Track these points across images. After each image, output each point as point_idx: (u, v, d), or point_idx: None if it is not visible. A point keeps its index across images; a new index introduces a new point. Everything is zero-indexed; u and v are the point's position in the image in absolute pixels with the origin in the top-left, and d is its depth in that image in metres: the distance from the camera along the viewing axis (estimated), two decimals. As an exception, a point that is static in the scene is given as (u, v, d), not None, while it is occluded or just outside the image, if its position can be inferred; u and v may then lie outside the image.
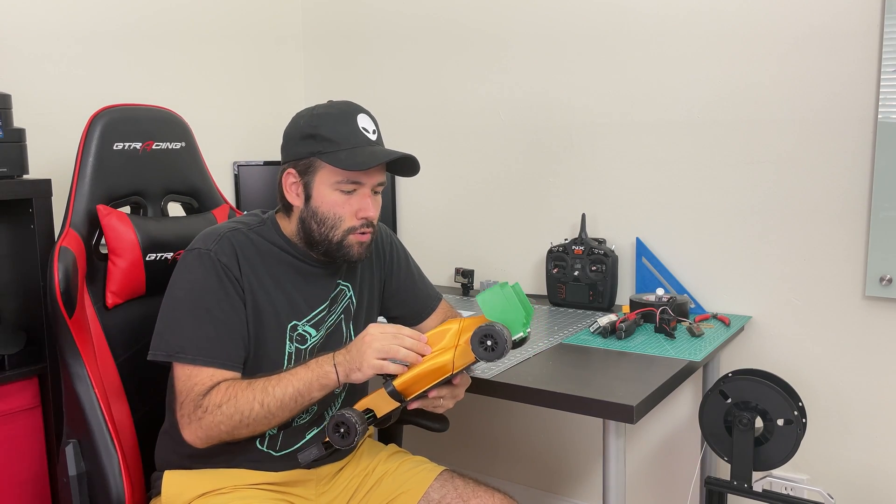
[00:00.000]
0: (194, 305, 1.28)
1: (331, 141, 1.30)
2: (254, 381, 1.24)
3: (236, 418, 1.22)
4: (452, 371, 1.18)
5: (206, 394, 1.24)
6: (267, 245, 1.37)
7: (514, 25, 2.29)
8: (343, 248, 1.34)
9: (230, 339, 1.29)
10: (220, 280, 1.29)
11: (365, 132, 1.33)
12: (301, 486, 1.40)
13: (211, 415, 1.22)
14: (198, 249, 1.31)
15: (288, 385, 1.22)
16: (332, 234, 1.33)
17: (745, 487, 1.57)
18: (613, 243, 2.16)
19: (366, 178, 1.32)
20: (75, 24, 2.03)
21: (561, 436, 2.38)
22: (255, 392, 1.22)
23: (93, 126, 1.51)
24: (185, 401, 1.25)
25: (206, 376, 1.25)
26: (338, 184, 1.31)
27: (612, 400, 1.33)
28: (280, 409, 1.22)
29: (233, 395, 1.22)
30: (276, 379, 1.23)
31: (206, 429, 1.23)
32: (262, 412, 1.22)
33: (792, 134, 1.90)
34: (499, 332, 1.12)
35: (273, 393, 1.21)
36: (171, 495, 1.34)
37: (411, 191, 2.55)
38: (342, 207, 1.33)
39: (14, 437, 1.59)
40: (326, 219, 1.33)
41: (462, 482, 1.44)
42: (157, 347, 1.29)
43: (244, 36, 2.53)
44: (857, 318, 1.86)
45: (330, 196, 1.32)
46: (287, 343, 1.36)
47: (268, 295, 1.34)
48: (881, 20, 1.75)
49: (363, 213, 1.33)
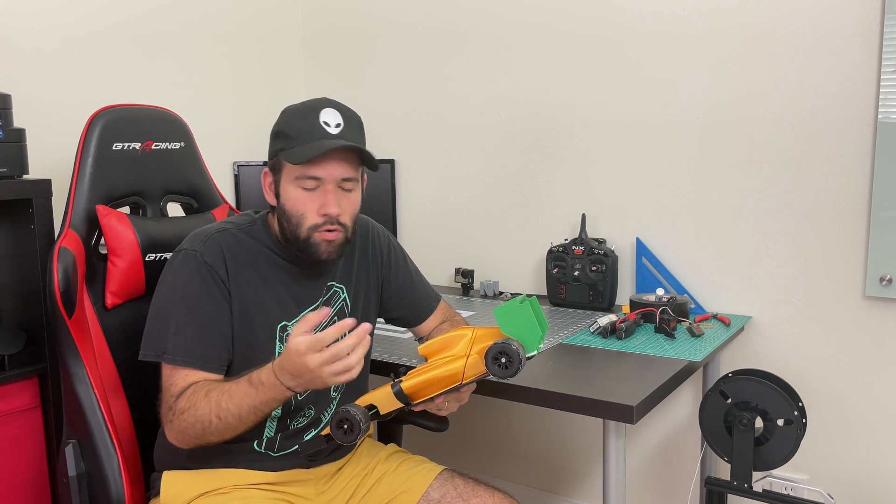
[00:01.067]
0: (178, 307, 1.29)
1: (290, 137, 1.30)
2: (211, 392, 1.21)
3: (198, 427, 1.21)
4: (462, 381, 1.17)
5: (179, 396, 1.24)
6: (256, 245, 1.37)
7: (514, 25, 2.29)
8: (310, 247, 1.32)
9: (210, 342, 1.29)
10: (205, 281, 1.29)
11: (325, 126, 1.30)
12: (300, 485, 1.40)
13: (178, 419, 1.22)
14: (185, 251, 1.32)
15: (242, 402, 1.18)
16: (298, 231, 1.32)
17: (745, 487, 1.57)
18: (613, 243, 2.15)
19: (323, 171, 1.29)
20: (75, 24, 2.03)
21: (561, 436, 2.38)
22: (210, 405, 1.20)
23: (92, 126, 1.51)
24: (163, 402, 1.27)
25: (181, 377, 1.26)
26: (297, 180, 1.30)
27: (612, 400, 1.33)
28: (239, 421, 1.20)
29: (193, 403, 1.21)
30: (229, 393, 1.19)
31: (178, 431, 1.24)
32: (220, 425, 1.20)
33: (792, 134, 1.90)
34: (514, 350, 1.10)
35: (228, 408, 1.19)
36: (170, 495, 1.34)
37: (411, 191, 2.55)
38: (304, 205, 1.31)
39: (14, 437, 1.59)
40: (291, 216, 1.32)
41: (462, 482, 1.44)
42: (145, 348, 1.30)
43: (244, 36, 2.53)
44: (857, 318, 1.86)
45: (293, 193, 1.31)
46: (277, 343, 1.35)
47: (257, 295, 1.34)
48: (881, 20, 1.75)
49: (324, 210, 1.30)
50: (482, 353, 1.14)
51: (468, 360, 1.16)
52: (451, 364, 1.17)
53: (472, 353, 1.16)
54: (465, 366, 1.16)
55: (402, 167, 2.56)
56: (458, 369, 1.16)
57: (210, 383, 1.24)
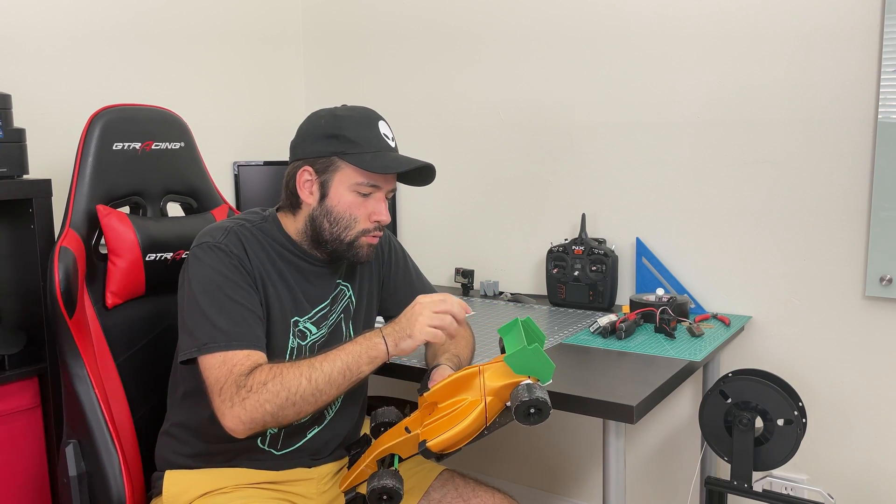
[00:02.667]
0: (214, 296, 1.26)
1: (355, 143, 1.32)
2: (299, 360, 1.23)
3: (283, 395, 1.18)
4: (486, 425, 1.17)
5: (249, 374, 1.20)
6: (269, 241, 1.38)
7: (514, 26, 2.29)
8: (353, 249, 1.36)
9: (255, 322, 1.28)
10: (237, 269, 1.29)
11: (386, 138, 1.36)
12: (302, 485, 1.40)
13: (256, 394, 1.18)
14: (206, 243, 1.31)
15: (336, 359, 1.22)
16: (344, 234, 1.35)
17: (745, 487, 1.57)
18: (613, 243, 2.15)
19: (384, 182, 1.35)
20: (75, 24, 2.03)
21: (561, 436, 2.38)
22: (301, 369, 1.20)
23: (92, 126, 1.51)
24: (226, 385, 1.20)
25: (243, 357, 1.22)
26: (357, 185, 1.33)
27: (612, 400, 1.33)
28: (328, 385, 1.20)
29: (278, 372, 1.20)
30: (322, 356, 1.23)
31: (251, 410, 1.18)
32: (309, 388, 1.19)
33: (792, 134, 1.90)
34: (544, 402, 1.10)
35: (321, 368, 1.20)
36: (173, 495, 1.34)
37: (412, 191, 2.55)
38: (358, 209, 1.35)
39: (14, 437, 1.59)
40: (341, 219, 1.34)
41: (462, 482, 1.45)
42: (187, 347, 1.25)
43: (244, 36, 2.53)
44: (857, 318, 1.86)
45: (347, 197, 1.34)
46: (290, 338, 1.36)
47: (274, 288, 1.35)
48: (881, 20, 1.75)
49: (377, 217, 1.36)
50: (498, 395, 1.14)
51: (488, 405, 1.15)
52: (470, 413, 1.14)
53: (489, 398, 1.14)
54: (485, 412, 1.15)
55: (402, 167, 2.56)
56: (479, 417, 1.15)
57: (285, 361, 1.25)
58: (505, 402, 1.16)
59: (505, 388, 1.14)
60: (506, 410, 1.17)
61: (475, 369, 1.18)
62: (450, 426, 1.15)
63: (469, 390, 1.17)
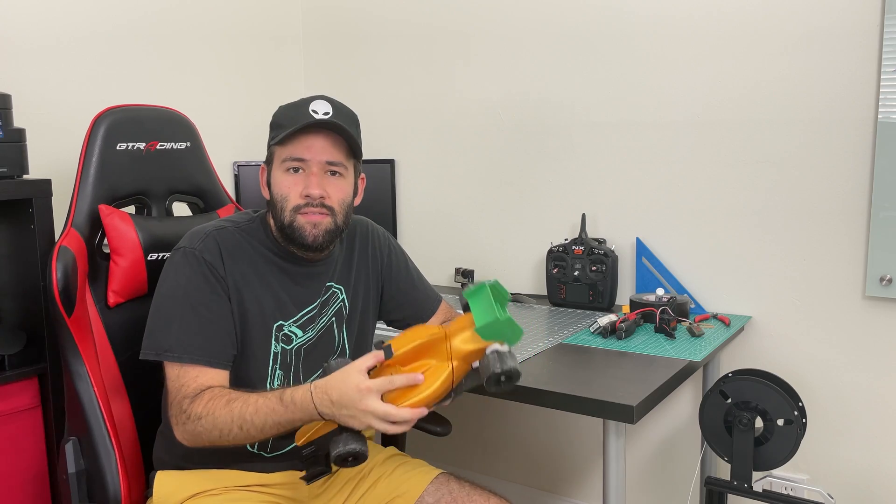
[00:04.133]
0: (181, 304, 1.28)
1: (281, 126, 1.32)
2: (233, 402, 1.20)
3: (215, 434, 1.21)
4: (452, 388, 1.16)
5: (193, 399, 1.23)
6: (253, 244, 1.37)
7: (514, 26, 2.29)
8: (295, 231, 1.32)
9: (216, 337, 1.29)
10: (206, 278, 1.30)
11: (313, 113, 1.30)
12: (294, 488, 1.40)
13: (193, 423, 1.22)
14: (183, 248, 1.32)
15: (268, 418, 1.18)
16: (283, 216, 1.32)
17: (745, 487, 1.57)
18: (613, 243, 2.16)
19: (306, 152, 1.31)
20: (76, 24, 2.03)
21: (561, 436, 2.38)
22: (233, 415, 1.19)
23: (96, 126, 1.51)
24: (174, 402, 1.26)
25: (192, 377, 1.25)
26: (283, 163, 1.32)
27: (612, 400, 1.33)
28: (261, 434, 1.20)
29: (212, 410, 1.20)
30: (253, 408, 1.18)
31: (190, 434, 1.23)
32: (241, 434, 1.20)
33: (792, 134, 1.90)
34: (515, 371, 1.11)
35: (253, 422, 1.18)
36: (163, 495, 1.34)
37: (411, 191, 2.55)
38: (289, 188, 1.32)
39: (14, 436, 1.59)
40: (277, 201, 1.33)
41: (458, 485, 1.43)
42: (147, 347, 1.29)
43: (244, 36, 2.53)
44: (857, 318, 1.86)
45: (280, 178, 1.33)
46: (273, 343, 1.35)
47: (253, 294, 1.34)
48: (881, 20, 1.75)
49: (306, 190, 1.31)
50: (465, 359, 1.14)
51: (454, 370, 1.14)
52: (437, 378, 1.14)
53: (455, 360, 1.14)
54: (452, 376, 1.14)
55: (402, 167, 2.56)
56: (446, 382, 1.14)
57: (229, 392, 1.24)
58: (471, 365, 1.16)
59: (473, 354, 1.14)
60: (472, 373, 1.17)
61: (441, 334, 1.17)
62: (417, 392, 1.14)
63: (435, 355, 1.16)
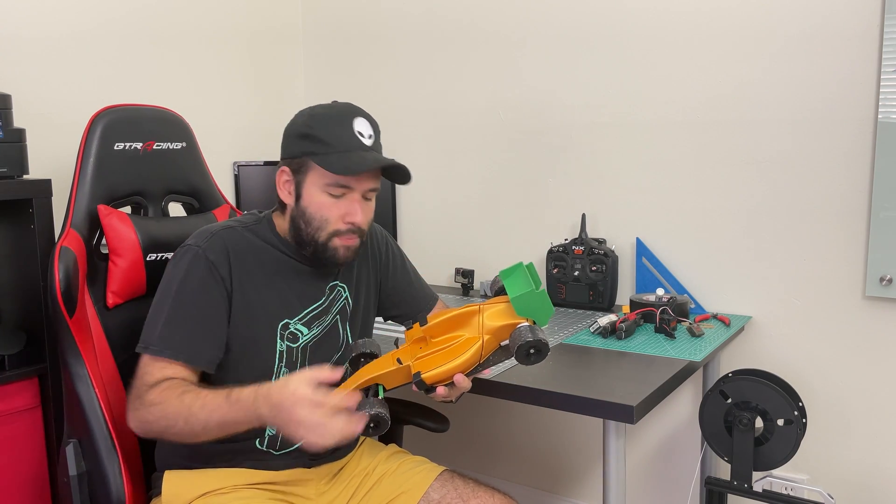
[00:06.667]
0: (173, 301, 1.29)
1: (324, 143, 1.29)
2: (186, 394, 1.20)
3: (163, 423, 1.21)
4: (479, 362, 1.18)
5: (152, 387, 1.23)
6: (260, 243, 1.37)
7: (514, 26, 2.29)
8: (328, 251, 1.33)
9: (198, 336, 1.29)
10: (204, 278, 1.30)
11: (360, 137, 1.31)
12: (301, 485, 1.40)
13: (145, 410, 1.22)
14: (188, 246, 1.33)
15: (212, 414, 1.18)
16: (317, 235, 1.33)
17: (745, 487, 1.57)
18: (613, 243, 2.16)
19: (356, 183, 1.31)
20: (75, 24, 2.03)
21: (561, 436, 2.38)
22: (182, 407, 1.19)
23: (93, 126, 1.51)
24: (133, 388, 1.26)
25: (158, 368, 1.26)
26: (327, 186, 1.30)
27: (612, 400, 1.33)
28: (204, 431, 1.19)
29: (164, 400, 1.21)
30: (201, 402, 1.18)
31: (140, 421, 1.24)
32: (185, 428, 1.19)
33: (792, 134, 1.90)
34: (545, 343, 1.12)
35: (198, 416, 1.18)
36: (171, 495, 1.34)
37: (411, 191, 2.55)
38: (329, 210, 1.31)
39: (14, 437, 1.59)
40: (313, 220, 1.32)
41: (462, 482, 1.44)
42: (140, 340, 1.30)
43: (244, 36, 2.53)
44: (857, 318, 1.86)
45: (318, 197, 1.31)
46: (278, 341, 1.36)
47: (258, 293, 1.34)
48: (881, 20, 1.75)
49: (350, 218, 1.32)
50: (496, 334, 1.15)
51: (484, 343, 1.16)
52: (468, 349, 1.16)
53: (486, 334, 1.16)
54: (481, 349, 1.16)
55: (403, 167, 2.56)
56: (475, 354, 1.16)
57: (186, 384, 1.24)
58: (500, 342, 1.18)
59: (504, 329, 1.15)
60: (500, 349, 1.19)
61: (475, 307, 1.19)
62: (446, 360, 1.16)
63: (467, 327, 1.18)
